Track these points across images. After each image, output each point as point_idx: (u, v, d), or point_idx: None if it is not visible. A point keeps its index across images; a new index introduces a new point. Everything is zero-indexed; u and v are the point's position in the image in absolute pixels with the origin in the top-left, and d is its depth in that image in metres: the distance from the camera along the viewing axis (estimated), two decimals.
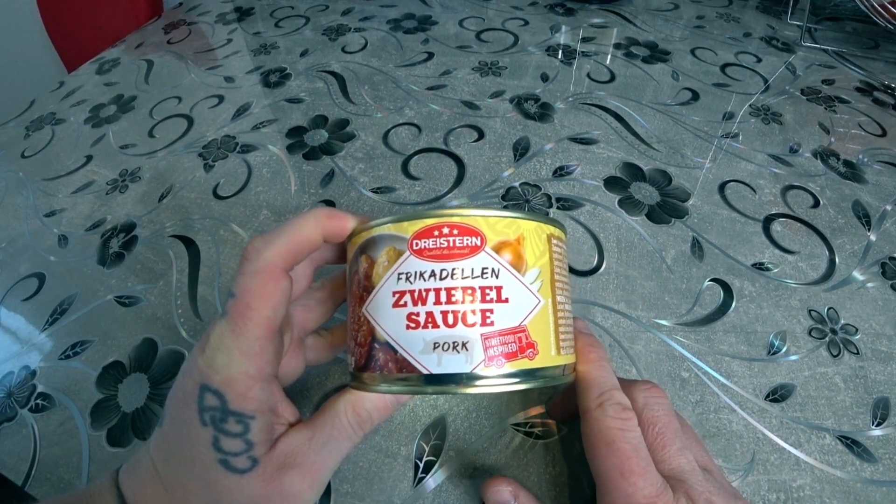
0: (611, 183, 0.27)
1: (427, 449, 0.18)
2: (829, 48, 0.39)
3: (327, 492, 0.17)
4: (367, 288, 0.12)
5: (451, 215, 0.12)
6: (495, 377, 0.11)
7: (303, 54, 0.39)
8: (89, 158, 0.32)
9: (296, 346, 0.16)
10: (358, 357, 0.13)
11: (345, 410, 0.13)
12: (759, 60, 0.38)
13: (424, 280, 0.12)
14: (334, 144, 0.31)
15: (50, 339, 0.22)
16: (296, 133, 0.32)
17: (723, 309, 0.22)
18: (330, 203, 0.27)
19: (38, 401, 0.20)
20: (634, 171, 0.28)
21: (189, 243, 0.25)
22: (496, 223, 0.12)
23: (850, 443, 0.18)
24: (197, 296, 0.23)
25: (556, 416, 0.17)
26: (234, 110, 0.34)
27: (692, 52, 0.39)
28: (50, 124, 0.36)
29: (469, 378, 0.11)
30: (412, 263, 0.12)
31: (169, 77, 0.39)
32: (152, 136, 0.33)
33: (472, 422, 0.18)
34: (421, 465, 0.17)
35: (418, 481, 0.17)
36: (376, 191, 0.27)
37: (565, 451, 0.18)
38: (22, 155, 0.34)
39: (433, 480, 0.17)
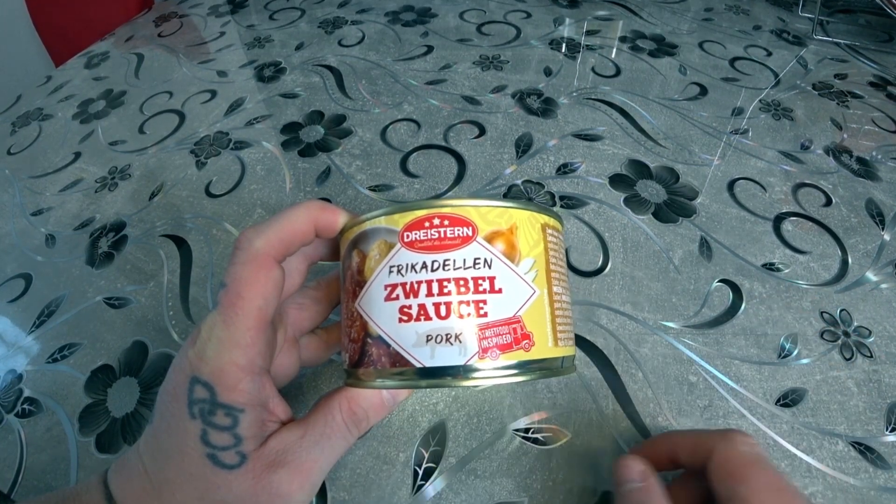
0: (616, 181, 0.27)
1: (426, 455, 0.17)
2: (841, 41, 0.38)
3: (323, 498, 0.16)
4: (360, 282, 0.12)
5: (442, 206, 0.12)
6: (490, 369, 0.11)
7: (298, 48, 0.39)
8: (77, 155, 0.31)
9: (290, 346, 0.15)
10: (351, 353, 0.12)
11: (339, 408, 0.13)
12: (770, 54, 0.37)
13: (416, 272, 0.11)
14: (331, 141, 0.30)
15: (37, 342, 0.21)
16: (291, 129, 0.31)
17: (732, 311, 0.21)
18: (326, 202, 0.26)
19: (25, 406, 0.19)
20: (640, 169, 0.27)
21: (181, 243, 0.25)
22: (488, 213, 0.12)
23: (864, 449, 0.17)
24: (189, 297, 0.22)
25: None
26: (228, 106, 0.33)
27: (700, 45, 0.38)
28: (37, 120, 0.35)
29: (464, 370, 0.11)
30: (403, 256, 0.12)
31: (160, 71, 0.38)
32: (143, 133, 0.32)
33: (473, 427, 0.18)
34: (420, 472, 0.17)
35: (417, 489, 0.17)
36: (374, 189, 0.27)
37: (569, 456, 0.17)
38: (8, 152, 0.33)
39: (433, 488, 0.17)
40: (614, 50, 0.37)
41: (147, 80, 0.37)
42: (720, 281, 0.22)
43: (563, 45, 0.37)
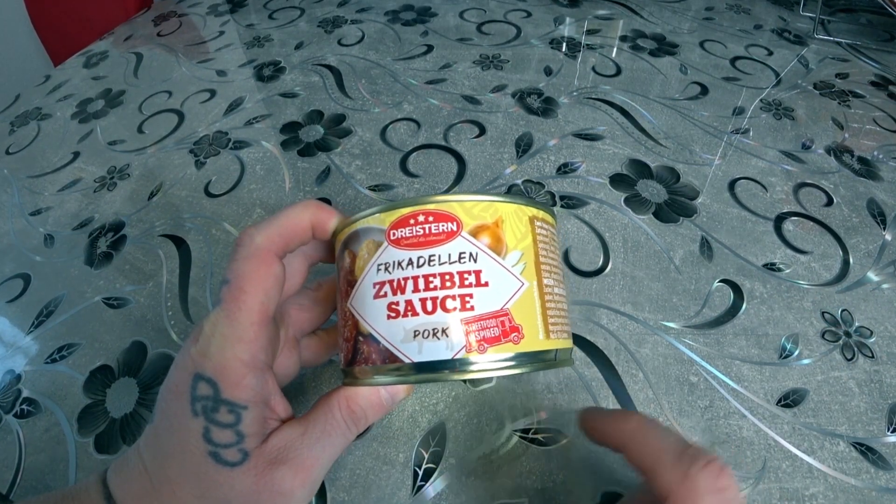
0: (617, 180, 0.27)
1: (426, 456, 0.17)
2: (842, 41, 0.38)
3: (323, 498, 0.16)
4: (351, 282, 0.12)
5: (426, 202, 0.12)
6: (481, 363, 0.11)
7: (298, 47, 0.38)
8: (76, 155, 0.31)
9: (291, 346, 0.15)
10: (346, 352, 0.13)
11: (338, 405, 0.13)
12: (771, 53, 0.37)
13: (402, 269, 0.12)
14: (330, 140, 0.30)
15: (35, 342, 0.21)
16: (290, 129, 0.31)
17: (733, 311, 0.21)
18: (325, 201, 0.26)
19: (24, 406, 0.19)
20: (641, 168, 0.27)
21: (180, 243, 0.25)
22: (472, 207, 0.12)
23: (865, 450, 0.17)
24: (188, 297, 0.22)
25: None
26: (227, 105, 0.33)
27: (701, 44, 0.38)
28: (35, 119, 0.35)
29: (454, 364, 0.11)
30: (390, 253, 0.12)
31: (159, 71, 0.38)
32: (142, 132, 0.32)
33: (473, 427, 0.18)
34: (420, 473, 0.17)
35: (417, 489, 0.17)
36: (374, 188, 0.27)
37: (570, 457, 0.17)
38: (6, 151, 0.33)
39: (433, 489, 0.17)
40: (615, 49, 0.37)
41: (146, 80, 0.37)
42: (721, 281, 0.22)
43: (564, 45, 0.37)
